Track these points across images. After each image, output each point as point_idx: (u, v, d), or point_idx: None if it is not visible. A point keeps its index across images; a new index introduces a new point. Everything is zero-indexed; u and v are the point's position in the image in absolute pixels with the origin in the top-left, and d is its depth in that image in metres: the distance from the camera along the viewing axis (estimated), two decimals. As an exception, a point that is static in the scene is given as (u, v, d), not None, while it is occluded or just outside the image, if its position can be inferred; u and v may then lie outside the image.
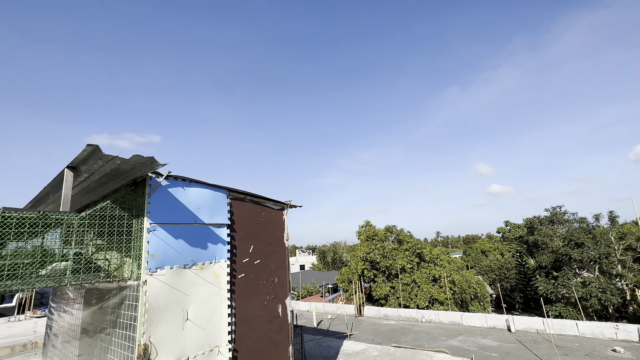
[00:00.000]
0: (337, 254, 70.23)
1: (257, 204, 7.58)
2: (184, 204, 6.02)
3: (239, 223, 7.06)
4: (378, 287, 33.12)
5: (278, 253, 7.86)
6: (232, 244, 6.80)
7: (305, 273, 57.81)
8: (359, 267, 34.86)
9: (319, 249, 70.71)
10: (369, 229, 38.05)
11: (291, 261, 67.62)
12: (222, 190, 6.78)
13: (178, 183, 6.01)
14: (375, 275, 34.45)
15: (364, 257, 35.02)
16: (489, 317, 14.68)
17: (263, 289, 7.26)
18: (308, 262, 67.29)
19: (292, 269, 65.23)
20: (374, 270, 34.51)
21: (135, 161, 4.76)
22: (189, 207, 6.11)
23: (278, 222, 8.08)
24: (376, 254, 34.07)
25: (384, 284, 33.38)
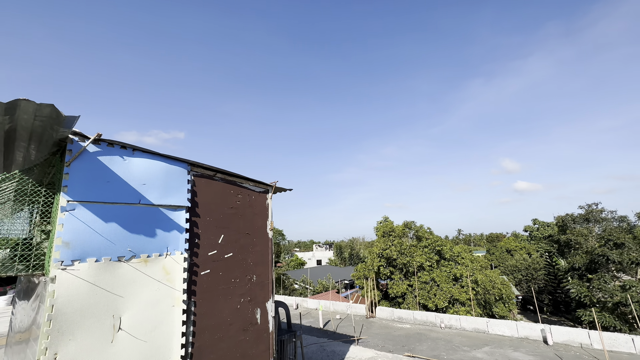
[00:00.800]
0: (354, 250, 68.30)
1: (231, 184, 6.01)
2: (123, 178, 4.53)
3: (204, 206, 5.51)
4: (395, 285, 31.14)
5: (258, 245, 6.27)
6: (193, 232, 5.27)
7: (321, 268, 56.46)
8: (375, 263, 32.98)
9: (336, 244, 69.05)
10: (386, 225, 36.02)
11: (308, 256, 66.43)
12: (180, 163, 5.25)
13: (115, 151, 4.53)
14: (392, 273, 32.46)
15: (380, 254, 33.09)
16: (520, 326, 12.46)
17: (236, 290, 5.70)
18: (325, 257, 65.79)
19: (308, 264, 64.04)
20: (390, 268, 32.53)
21: (27, 110, 3.27)
22: (131, 182, 4.61)
23: (260, 208, 6.47)
24: (393, 251, 32.05)
25: (401, 281, 31.36)
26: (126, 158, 4.63)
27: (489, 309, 30.22)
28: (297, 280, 47.83)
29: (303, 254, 67.09)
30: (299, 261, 61.30)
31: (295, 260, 61.09)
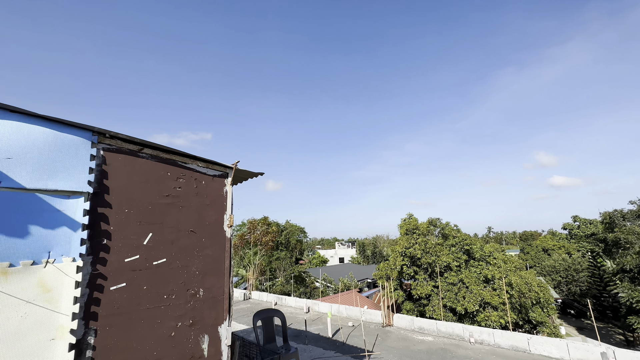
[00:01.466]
0: (377, 248, 65.59)
1: (168, 163, 4.32)
2: (-32, 148, 2.97)
3: (122, 193, 3.86)
4: (419, 286, 28.63)
5: (210, 248, 4.54)
6: (99, 229, 3.63)
7: (344, 266, 54.52)
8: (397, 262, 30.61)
9: (359, 242, 66.66)
10: (410, 222, 33.43)
11: (330, 253, 64.64)
12: (79, 131, 3.62)
13: (-43, 107, 2.97)
14: (416, 273, 29.94)
15: (404, 252, 30.64)
16: (573, 346, 9.83)
17: (170, 310, 4.01)
18: (347, 255, 63.61)
19: (330, 262, 62.24)
20: (414, 267, 30.00)
21: None
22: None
23: (213, 197, 4.74)
24: (417, 249, 29.50)
25: (426, 282, 28.78)
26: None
27: (524, 314, 26.90)
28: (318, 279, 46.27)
29: (325, 252, 65.36)
30: (321, 259, 59.65)
31: (317, 258, 59.51)
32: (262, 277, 43.11)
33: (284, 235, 55.61)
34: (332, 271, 49.42)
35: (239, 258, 41.12)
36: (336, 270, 50.33)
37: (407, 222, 33.49)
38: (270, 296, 19.25)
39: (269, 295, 19.46)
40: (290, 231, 56.68)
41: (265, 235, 40.58)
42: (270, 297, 19.29)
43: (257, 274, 39.73)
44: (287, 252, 50.87)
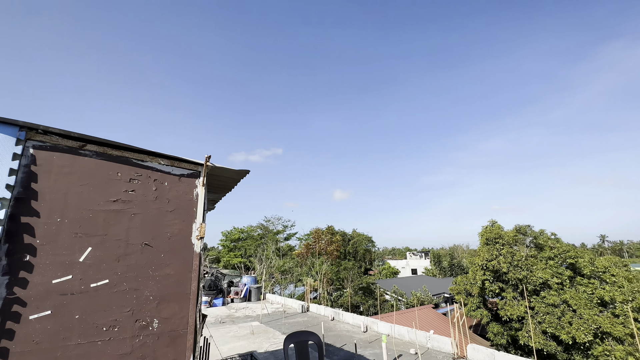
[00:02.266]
0: (455, 259, 58.57)
1: (118, 162, 3.50)
2: None
3: (55, 197, 3.13)
4: (507, 306, 23.77)
5: (170, 266, 3.52)
6: (20, 243, 2.92)
7: (416, 278, 50.02)
8: (478, 277, 26.18)
9: (433, 252, 60.55)
10: (491, 230, 28.49)
11: (401, 264, 60.20)
12: (2, 126, 3.02)
13: None
14: (502, 289, 25.06)
15: (485, 266, 26.06)
16: None
17: (110, 347, 3.07)
18: (420, 266, 58.18)
19: (402, 273, 57.79)
20: (499, 283, 25.15)
21: None
22: None
23: (179, 201, 3.75)
24: (502, 262, 24.73)
25: (516, 301, 23.80)
26: None
27: (668, 352, 19.77)
28: (389, 291, 43.13)
29: (396, 262, 61.05)
30: (391, 270, 55.88)
31: (387, 269, 55.92)
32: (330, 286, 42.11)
33: (351, 244, 53.95)
34: (404, 283, 45.61)
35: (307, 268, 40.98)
36: (408, 282, 46.34)
37: (489, 230, 28.56)
38: (328, 310, 17.92)
39: (326, 309, 18.16)
40: (358, 240, 54.74)
41: (330, 244, 39.65)
42: (327, 311, 17.96)
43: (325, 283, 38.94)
44: (355, 262, 48.98)
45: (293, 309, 19.91)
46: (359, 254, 53.40)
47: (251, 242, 46.02)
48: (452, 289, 30.69)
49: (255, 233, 48.83)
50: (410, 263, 59.25)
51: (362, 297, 40.56)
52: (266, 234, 47.91)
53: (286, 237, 50.40)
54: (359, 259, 53.05)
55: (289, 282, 38.97)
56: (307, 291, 24.29)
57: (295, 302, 20.79)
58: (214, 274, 24.81)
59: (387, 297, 43.47)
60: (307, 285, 26.94)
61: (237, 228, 49.74)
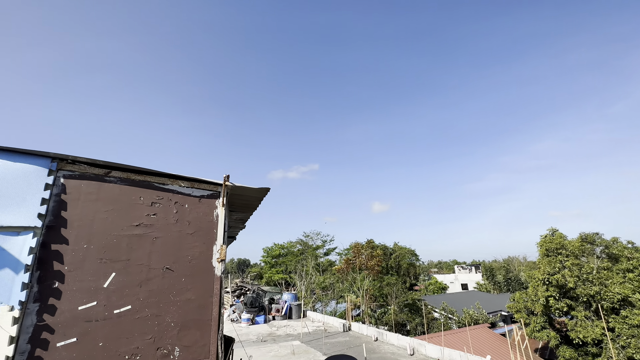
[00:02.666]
0: (511, 273, 53.16)
1: (141, 186, 3.54)
2: None
3: (82, 225, 3.22)
4: (579, 327, 20.74)
5: (191, 290, 3.41)
6: (50, 270, 3.00)
7: (467, 294, 46.17)
8: (540, 293, 23.32)
9: (485, 265, 55.63)
10: (552, 239, 25.46)
11: (449, 279, 56.12)
12: (34, 159, 3.19)
13: None
14: (571, 307, 21.97)
15: (547, 280, 23.15)
16: None
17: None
18: (471, 280, 53.56)
19: (451, 288, 53.71)
20: (566, 300, 22.10)
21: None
22: None
23: (199, 223, 3.67)
24: (567, 276, 21.81)
25: (590, 321, 20.68)
26: None
27: None
28: (437, 308, 40.22)
29: (443, 277, 56.91)
30: (438, 285, 52.23)
31: (434, 284, 52.39)
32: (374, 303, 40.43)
33: (392, 258, 51.75)
34: (454, 300, 42.33)
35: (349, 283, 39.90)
36: (458, 298, 42.94)
37: (549, 239, 25.56)
38: (371, 330, 16.97)
39: (368, 328, 17.22)
40: (400, 254, 52.37)
41: (370, 259, 38.35)
42: (370, 330, 17.02)
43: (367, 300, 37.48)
44: (398, 277, 46.73)
45: (334, 328, 19.23)
46: (402, 269, 50.90)
47: (291, 258, 46.22)
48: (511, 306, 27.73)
49: (295, 249, 49.04)
50: (459, 277, 54.91)
51: (408, 315, 38.22)
52: (306, 250, 47.86)
53: (326, 252, 49.89)
54: (402, 273, 50.55)
55: (330, 299, 38.13)
56: (348, 309, 23.41)
57: (337, 320, 20.09)
58: (255, 290, 25.10)
59: (435, 314, 40.52)
60: (348, 302, 26.03)
61: (277, 244, 50.41)
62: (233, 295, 25.47)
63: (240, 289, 26.59)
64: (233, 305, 23.15)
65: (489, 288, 50.26)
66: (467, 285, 53.39)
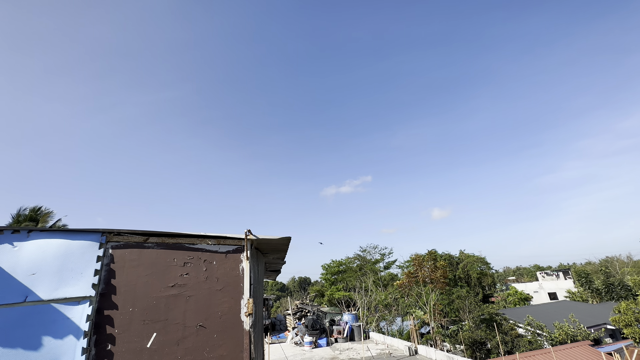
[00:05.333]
0: (613, 277, 44.79)
1: (173, 248, 3.89)
2: (8, 271, 3.47)
3: (128, 291, 3.64)
4: None
5: (224, 346, 3.56)
6: (104, 334, 3.43)
7: (557, 305, 40.12)
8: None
9: (576, 269, 47.80)
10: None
11: (532, 288, 49.45)
12: (88, 235, 3.74)
13: (5, 237, 3.59)
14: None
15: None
16: None
17: None
18: (560, 288, 46.27)
19: (535, 299, 47.12)
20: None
21: None
22: (18, 274, 3.48)
23: (227, 279, 3.86)
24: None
25: None
26: (17, 244, 3.59)
27: None
28: (521, 323, 35.59)
29: (523, 286, 50.16)
30: (519, 295, 46.28)
31: (514, 295, 46.59)
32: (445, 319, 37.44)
33: (460, 268, 47.69)
34: (540, 312, 37.17)
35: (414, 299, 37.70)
36: (546, 310, 37.53)
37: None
38: (440, 354, 15.64)
39: (437, 352, 15.88)
40: (468, 263, 48.06)
41: (434, 270, 35.86)
42: (439, 355, 15.69)
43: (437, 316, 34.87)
44: (469, 289, 42.73)
45: (399, 351, 18.20)
46: (473, 279, 46.49)
47: (350, 274, 45.56)
48: (616, 319, 23.46)
49: (354, 264, 48.31)
50: (544, 285, 47.97)
51: (486, 331, 34.46)
52: (364, 265, 46.83)
53: (385, 266, 48.17)
54: (473, 284, 46.14)
55: (395, 316, 36.34)
56: (412, 329, 22.02)
57: (401, 342, 19.00)
58: (315, 312, 25.15)
59: (519, 330, 35.87)
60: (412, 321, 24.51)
61: (335, 261, 50.25)
62: (294, 317, 25.87)
63: (301, 311, 26.91)
64: (295, 328, 23.48)
65: (586, 297, 42.92)
66: (555, 294, 46.29)
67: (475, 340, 33.61)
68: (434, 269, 37.58)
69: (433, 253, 41.75)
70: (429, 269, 37.69)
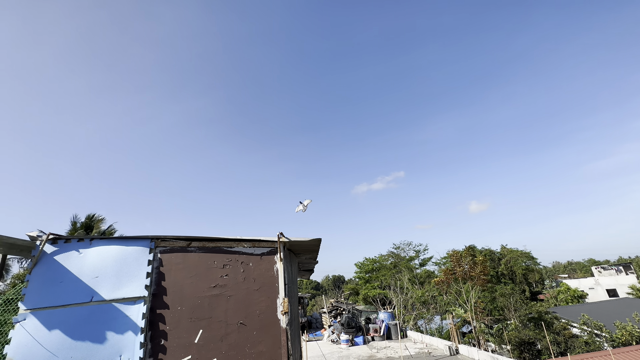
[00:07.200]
0: (685, 270, 39.92)
1: (213, 252, 4.20)
2: (76, 274, 3.99)
3: (175, 291, 4.01)
4: None
5: (263, 343, 3.80)
6: (157, 330, 3.82)
7: (617, 303, 36.69)
8: None
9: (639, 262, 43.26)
10: None
11: (587, 284, 45.52)
12: (139, 241, 4.17)
13: (72, 246, 4.12)
14: None
15: None
16: None
17: (222, 422, 3.49)
18: (621, 284, 42.06)
19: (591, 296, 43.32)
20: None
21: None
22: (84, 277, 3.98)
23: (263, 279, 4.10)
24: None
25: None
26: (82, 251, 4.11)
27: None
28: (575, 322, 33.03)
29: (577, 282, 46.25)
30: (572, 292, 42.86)
31: (566, 292, 43.24)
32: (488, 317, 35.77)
33: (502, 264, 45.20)
34: (598, 311, 34.21)
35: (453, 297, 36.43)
36: (605, 309, 34.47)
37: None
38: (482, 354, 15.03)
39: (480, 352, 15.28)
40: (511, 258, 45.40)
41: (474, 267, 34.33)
42: (482, 355, 15.10)
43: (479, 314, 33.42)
44: (514, 286, 40.38)
45: (439, 350, 17.76)
46: (517, 275, 43.86)
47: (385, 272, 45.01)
48: (689, 319, 20.86)
49: (388, 262, 47.64)
50: (601, 281, 43.92)
51: (535, 331, 32.41)
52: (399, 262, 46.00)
53: (421, 263, 46.95)
54: (518, 281, 43.54)
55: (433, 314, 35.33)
56: (452, 328, 21.32)
57: (441, 341, 18.52)
58: (350, 310, 25.24)
59: (574, 330, 33.32)
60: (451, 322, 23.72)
61: (369, 258, 49.90)
62: (330, 315, 26.17)
63: (336, 309, 27.14)
64: (331, 326, 23.76)
65: (652, 293, 38.71)
66: (615, 291, 42.20)
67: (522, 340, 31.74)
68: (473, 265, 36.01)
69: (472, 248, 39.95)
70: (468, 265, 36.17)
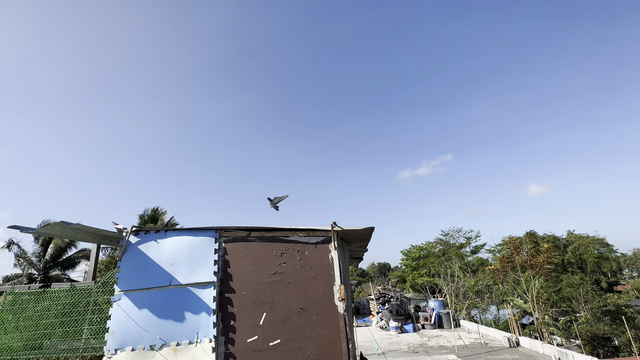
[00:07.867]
0: None
1: (271, 241, 4.45)
2: (155, 261, 4.53)
3: (240, 277, 4.35)
4: None
5: (322, 327, 3.98)
6: (226, 312, 4.21)
7: None
8: None
9: None
10: None
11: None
12: (205, 232, 4.57)
13: (151, 236, 4.68)
14: None
15: None
16: None
17: (289, 398, 3.78)
18: None
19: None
20: None
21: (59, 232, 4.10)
22: (163, 264, 4.51)
23: (319, 267, 4.25)
24: None
25: None
26: (159, 241, 4.64)
27: None
28: (662, 317, 29.14)
29: (665, 272, 40.36)
30: (659, 284, 37.57)
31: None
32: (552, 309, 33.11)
33: (570, 252, 41.07)
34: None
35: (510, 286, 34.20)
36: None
37: None
38: (548, 348, 13.98)
39: (544, 345, 14.21)
40: (581, 245, 41.02)
41: (536, 255, 31.67)
42: (547, 348, 14.06)
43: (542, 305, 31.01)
44: (584, 275, 36.58)
45: (496, 342, 16.94)
46: (589, 264, 39.59)
47: (433, 260, 43.61)
48: None
49: (436, 249, 46.02)
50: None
51: (611, 326, 29.23)
52: (447, 249, 44.18)
53: (473, 250, 44.56)
54: (589, 270, 39.33)
55: (488, 304, 33.56)
56: (512, 319, 20.09)
57: (498, 332, 17.63)
58: (399, 298, 25.06)
59: (661, 325, 29.44)
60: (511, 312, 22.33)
61: (415, 246, 48.67)
62: (377, 302, 26.29)
63: (384, 296, 27.15)
64: (380, 313, 23.89)
65: None
66: None
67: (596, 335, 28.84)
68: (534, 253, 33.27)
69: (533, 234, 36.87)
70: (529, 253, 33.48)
